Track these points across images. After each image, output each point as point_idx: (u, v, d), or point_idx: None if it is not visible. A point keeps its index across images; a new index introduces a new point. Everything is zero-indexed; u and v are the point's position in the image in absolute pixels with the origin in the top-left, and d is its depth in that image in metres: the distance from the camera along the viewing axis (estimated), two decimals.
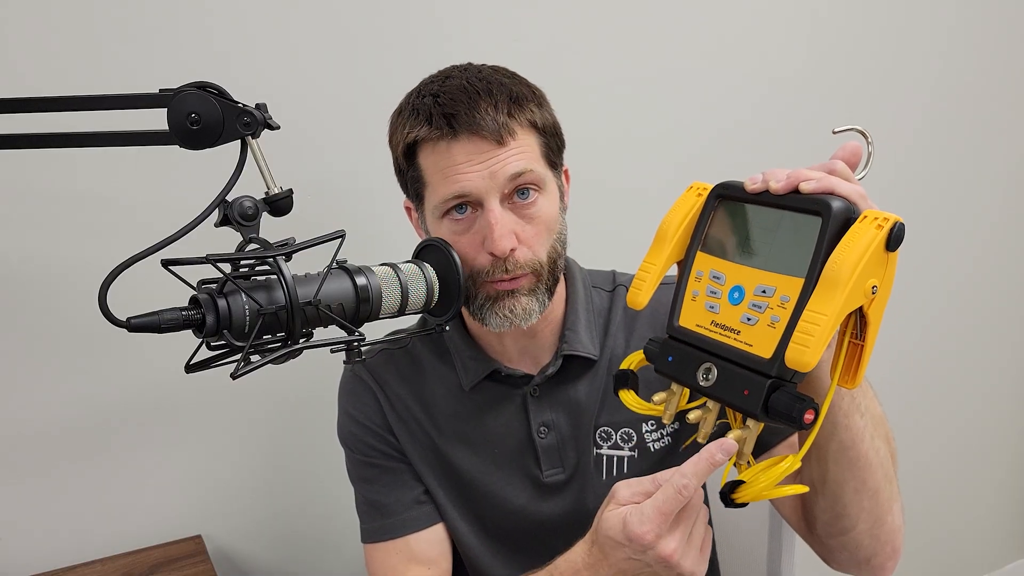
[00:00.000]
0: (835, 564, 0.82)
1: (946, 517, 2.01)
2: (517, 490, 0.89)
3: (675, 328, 0.65)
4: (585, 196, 1.09)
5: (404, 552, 0.88)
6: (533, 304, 0.81)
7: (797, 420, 0.55)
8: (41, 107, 0.73)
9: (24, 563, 1.07)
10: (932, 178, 1.79)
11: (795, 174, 0.59)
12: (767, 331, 0.57)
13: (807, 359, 0.53)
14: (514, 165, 0.77)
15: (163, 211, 0.93)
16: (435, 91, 0.79)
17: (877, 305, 0.56)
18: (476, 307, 0.82)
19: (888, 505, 0.74)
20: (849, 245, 0.54)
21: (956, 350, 1.94)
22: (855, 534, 0.75)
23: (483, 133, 0.76)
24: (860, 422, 0.69)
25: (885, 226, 0.54)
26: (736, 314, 0.60)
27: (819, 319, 0.53)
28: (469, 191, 0.77)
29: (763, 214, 0.62)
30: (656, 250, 0.67)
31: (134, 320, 0.62)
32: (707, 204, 0.66)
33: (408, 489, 0.90)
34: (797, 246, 0.58)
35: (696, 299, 0.64)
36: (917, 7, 1.66)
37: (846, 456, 0.70)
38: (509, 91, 0.79)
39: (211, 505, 1.19)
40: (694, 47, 1.43)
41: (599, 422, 0.88)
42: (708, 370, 0.61)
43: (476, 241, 0.79)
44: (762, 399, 0.56)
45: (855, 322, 0.58)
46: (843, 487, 0.72)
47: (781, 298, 0.57)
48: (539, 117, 0.81)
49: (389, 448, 0.90)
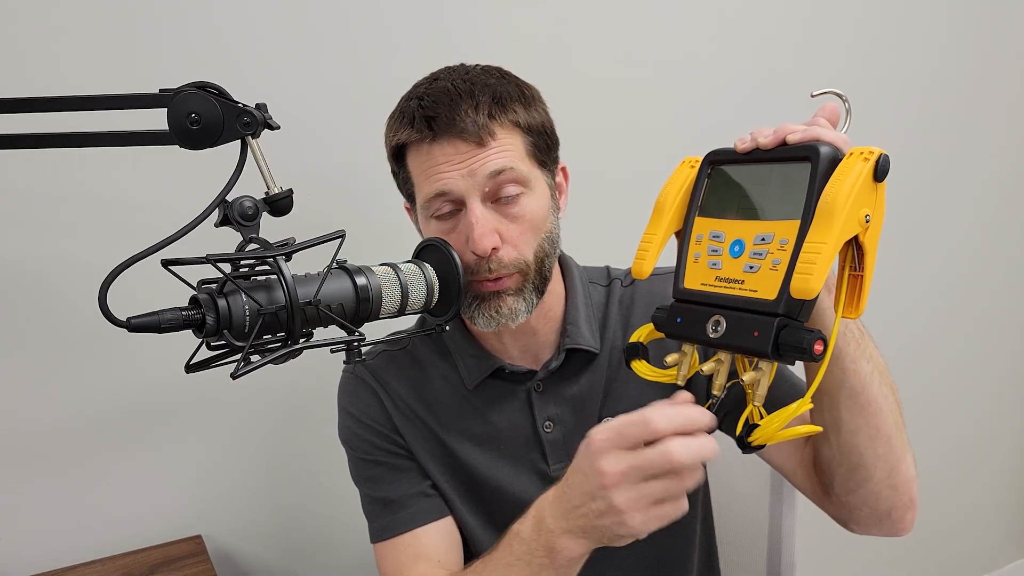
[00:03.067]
0: (856, 525, 0.81)
1: (946, 517, 2.01)
2: (525, 485, 0.89)
3: (681, 291, 0.66)
4: (583, 190, 1.09)
5: (414, 547, 0.87)
6: (519, 304, 0.81)
7: (808, 351, 0.56)
8: (41, 107, 0.73)
9: (24, 563, 1.07)
10: (927, 177, 1.79)
11: (781, 128, 0.62)
12: (770, 275, 0.59)
13: (812, 285, 0.55)
14: (494, 163, 0.78)
15: (163, 211, 0.93)
16: (421, 94, 0.81)
17: (872, 234, 0.58)
18: (465, 306, 0.83)
19: (901, 453, 0.75)
20: (840, 178, 0.57)
21: (956, 349, 1.94)
22: (873, 485, 0.75)
23: (462, 135, 0.77)
24: (867, 367, 0.70)
25: (871, 158, 0.57)
26: (739, 266, 0.62)
27: (819, 247, 0.55)
28: (449, 189, 0.78)
29: (755, 171, 0.64)
30: (655, 221, 0.69)
31: (134, 320, 0.62)
32: (700, 172, 0.68)
33: (415, 483, 0.90)
34: (790, 193, 0.60)
35: (698, 260, 0.65)
36: (911, 4, 1.67)
37: (857, 402, 0.71)
38: (493, 92, 0.80)
39: (211, 505, 1.19)
40: (691, 43, 1.43)
41: (603, 414, 0.89)
42: (717, 322, 0.62)
43: (461, 240, 0.79)
44: (772, 337, 0.57)
45: (852, 255, 0.60)
46: (857, 435, 0.72)
47: (780, 242, 0.59)
48: (523, 117, 0.81)
49: (394, 446, 0.90)
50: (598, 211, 1.25)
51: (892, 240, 1.77)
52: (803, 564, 1.06)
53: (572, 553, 0.65)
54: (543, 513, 0.68)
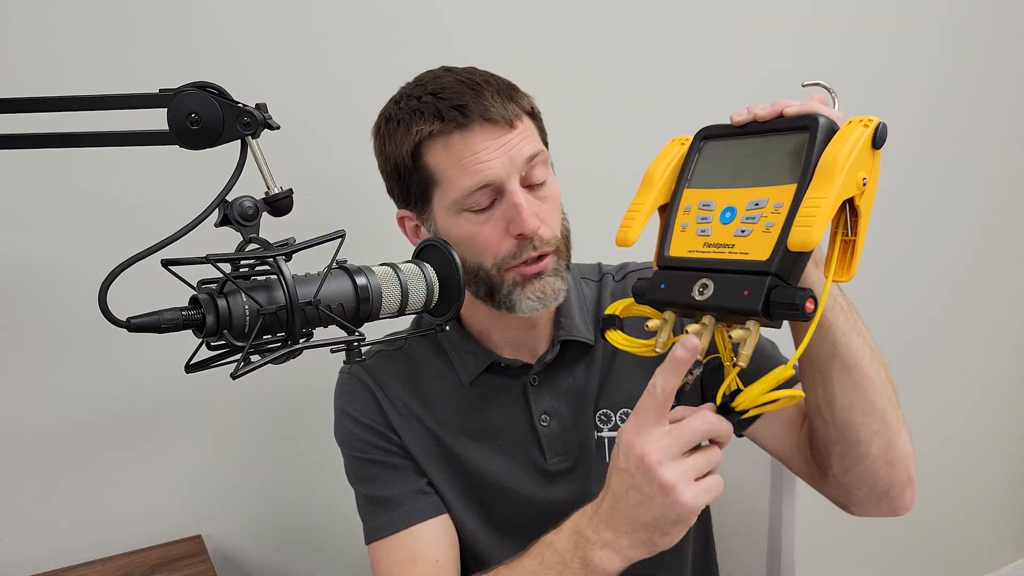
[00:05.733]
0: (855, 506, 0.81)
1: (946, 517, 2.01)
2: (523, 480, 0.90)
3: (665, 258, 0.65)
4: (582, 189, 1.09)
5: (410, 546, 0.87)
6: (559, 283, 0.83)
7: (800, 308, 0.55)
8: (41, 107, 0.73)
9: (24, 563, 1.07)
10: (927, 176, 1.79)
11: (778, 102, 0.63)
12: (763, 237, 0.59)
13: (811, 237, 0.55)
14: (528, 147, 0.80)
15: (163, 211, 0.93)
16: (432, 90, 0.80)
17: (867, 198, 0.59)
18: (503, 295, 0.82)
19: (897, 428, 0.75)
20: (840, 140, 0.57)
21: (956, 349, 1.94)
22: (870, 462, 0.75)
23: (495, 118, 0.78)
24: (858, 340, 0.71)
25: (870, 125, 0.58)
26: (729, 231, 0.61)
27: (819, 202, 0.56)
28: (492, 179, 0.78)
29: (750, 143, 0.64)
30: (643, 192, 0.68)
31: (134, 320, 0.62)
32: (692, 146, 0.68)
33: (411, 482, 0.89)
34: (787, 160, 0.60)
35: (686, 229, 0.65)
36: (910, 3, 1.67)
37: (850, 377, 0.71)
38: (498, 81, 0.82)
39: (211, 505, 1.19)
40: (691, 43, 1.43)
41: (599, 405, 0.90)
42: (704, 285, 0.61)
43: (499, 228, 0.80)
44: (763, 295, 0.57)
45: (845, 220, 0.60)
46: (852, 411, 0.72)
47: (775, 205, 0.59)
48: (529, 104, 0.84)
49: (391, 444, 0.90)
50: (597, 211, 1.25)
51: (892, 240, 1.78)
52: (803, 564, 1.06)
53: (610, 567, 0.64)
54: (581, 526, 0.67)
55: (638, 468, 0.60)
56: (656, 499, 0.60)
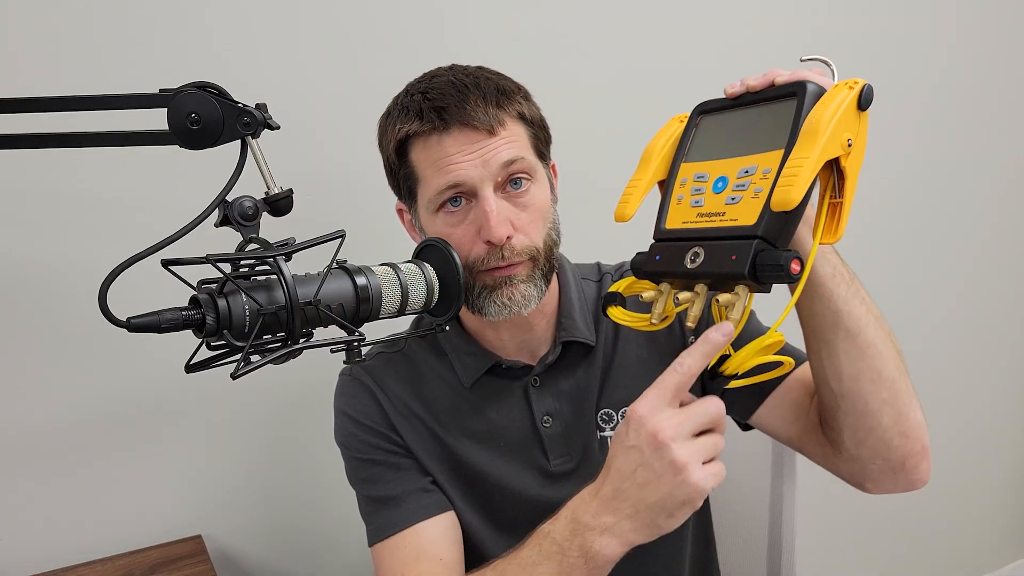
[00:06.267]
0: (870, 482, 0.79)
1: (946, 517, 2.01)
2: (526, 481, 0.89)
3: (661, 231, 0.66)
4: (581, 190, 1.09)
5: (414, 545, 0.86)
6: (531, 290, 0.82)
7: (785, 269, 0.55)
8: (41, 107, 0.73)
9: (24, 563, 1.07)
10: (933, 177, 1.79)
11: (769, 72, 0.64)
12: (751, 202, 0.59)
13: (792, 196, 0.55)
14: (506, 153, 0.79)
15: (163, 211, 0.93)
16: (423, 89, 0.81)
17: (853, 159, 0.59)
18: (473, 297, 0.83)
19: (908, 398, 0.74)
20: (824, 102, 0.58)
21: (956, 350, 1.94)
22: (882, 432, 0.73)
23: (474, 124, 0.78)
24: (861, 308, 0.70)
25: (856, 87, 0.58)
26: (721, 200, 0.62)
27: (801, 161, 0.56)
28: (463, 180, 0.78)
29: (743, 114, 0.65)
30: (641, 168, 0.69)
31: (134, 320, 0.62)
32: (689, 122, 0.69)
33: (414, 480, 0.89)
34: (776, 127, 0.60)
35: (681, 202, 0.66)
36: (916, 7, 1.67)
37: (855, 344, 0.70)
38: (496, 85, 0.81)
39: (211, 505, 1.19)
40: (691, 43, 1.43)
41: (600, 405, 0.90)
42: (696, 254, 0.61)
43: (471, 232, 0.80)
44: (749, 258, 0.57)
45: (832, 182, 0.60)
46: (859, 380, 0.72)
47: (763, 171, 0.59)
48: (527, 109, 0.83)
49: (392, 445, 0.90)
50: (596, 211, 1.25)
51: (893, 240, 1.78)
52: (803, 563, 1.06)
53: (610, 553, 0.63)
54: (578, 512, 0.65)
55: (649, 444, 0.59)
56: (666, 477, 0.59)
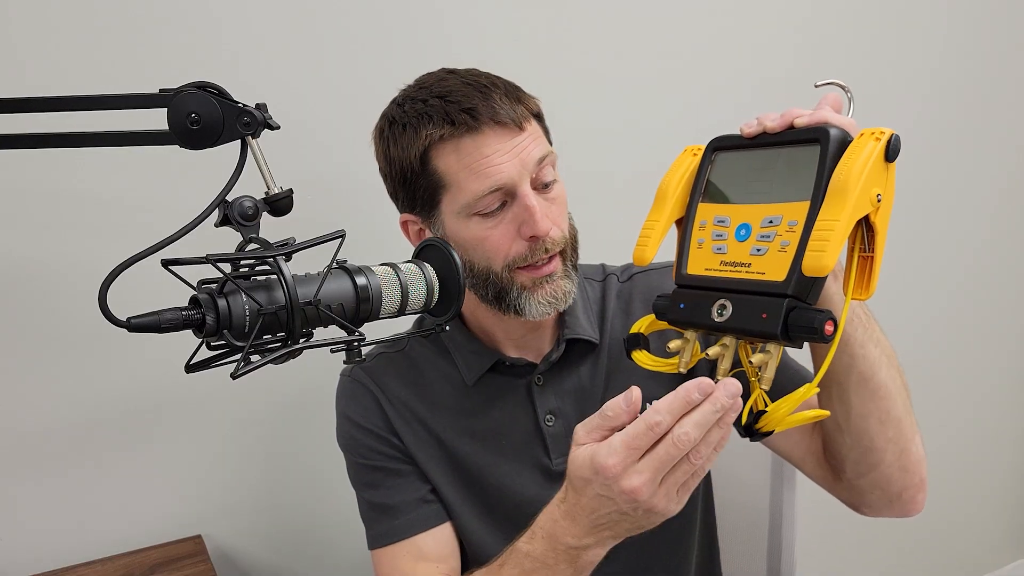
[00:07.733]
0: (867, 508, 0.81)
1: (946, 517, 2.01)
2: (527, 481, 0.89)
3: (684, 276, 0.65)
4: (583, 190, 1.09)
5: (413, 553, 0.87)
6: (569, 285, 0.83)
7: (819, 331, 0.54)
8: (41, 107, 0.73)
9: (24, 563, 1.07)
10: (930, 177, 1.79)
11: (788, 112, 0.62)
12: (778, 256, 0.58)
13: (825, 262, 0.54)
14: (537, 149, 0.80)
15: (163, 211, 0.93)
16: (438, 93, 0.79)
17: (883, 214, 0.58)
18: (513, 298, 0.82)
19: (911, 435, 0.75)
20: (852, 156, 0.56)
21: (956, 349, 1.94)
22: (884, 468, 0.75)
23: (504, 121, 0.77)
24: (875, 351, 0.70)
25: (883, 138, 0.56)
26: (745, 249, 0.60)
27: (832, 224, 0.54)
28: (505, 182, 0.78)
29: (761, 155, 0.63)
30: (657, 208, 0.68)
31: (134, 320, 0.62)
32: (704, 158, 0.67)
33: (414, 489, 0.89)
34: (799, 175, 0.59)
35: (702, 246, 0.64)
36: (910, 6, 1.67)
37: (867, 387, 0.71)
38: (504, 84, 0.81)
39: (211, 505, 1.19)
40: (691, 42, 1.43)
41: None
42: (723, 306, 0.60)
43: (511, 231, 0.80)
44: (781, 318, 0.56)
45: (862, 236, 0.59)
46: (868, 420, 0.72)
47: (789, 223, 0.58)
48: (534, 106, 0.84)
49: (393, 450, 0.90)
50: (597, 211, 1.25)
51: (891, 240, 1.77)
52: (803, 564, 1.06)
53: (597, 558, 0.65)
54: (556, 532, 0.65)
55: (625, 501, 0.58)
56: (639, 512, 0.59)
